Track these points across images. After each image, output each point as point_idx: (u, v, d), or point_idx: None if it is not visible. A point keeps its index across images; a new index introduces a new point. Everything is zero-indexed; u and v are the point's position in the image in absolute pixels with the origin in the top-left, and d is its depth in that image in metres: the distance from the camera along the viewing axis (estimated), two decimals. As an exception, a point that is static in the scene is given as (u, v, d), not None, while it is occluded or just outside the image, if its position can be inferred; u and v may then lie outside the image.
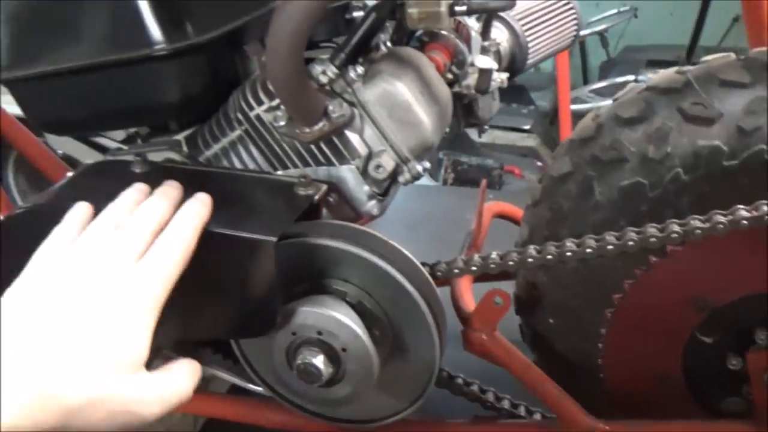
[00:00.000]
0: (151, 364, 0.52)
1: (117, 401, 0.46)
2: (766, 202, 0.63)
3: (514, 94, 3.45)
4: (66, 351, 0.46)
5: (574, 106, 2.80)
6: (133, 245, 0.54)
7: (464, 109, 0.98)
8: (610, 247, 0.67)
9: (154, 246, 0.55)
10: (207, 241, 0.61)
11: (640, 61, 3.27)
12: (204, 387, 0.99)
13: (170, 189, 0.63)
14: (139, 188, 0.64)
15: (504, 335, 0.76)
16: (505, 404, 0.79)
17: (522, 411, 0.79)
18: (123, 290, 0.50)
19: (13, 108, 0.86)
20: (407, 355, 0.72)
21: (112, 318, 0.49)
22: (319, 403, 0.75)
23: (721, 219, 0.63)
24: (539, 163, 2.96)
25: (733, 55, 0.72)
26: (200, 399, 0.89)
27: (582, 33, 3.49)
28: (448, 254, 0.79)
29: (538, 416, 0.78)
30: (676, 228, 0.65)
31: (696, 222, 0.64)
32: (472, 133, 3.30)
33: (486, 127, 1.03)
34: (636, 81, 2.60)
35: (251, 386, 0.84)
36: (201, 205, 0.61)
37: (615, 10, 3.51)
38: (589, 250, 0.68)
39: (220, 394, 0.96)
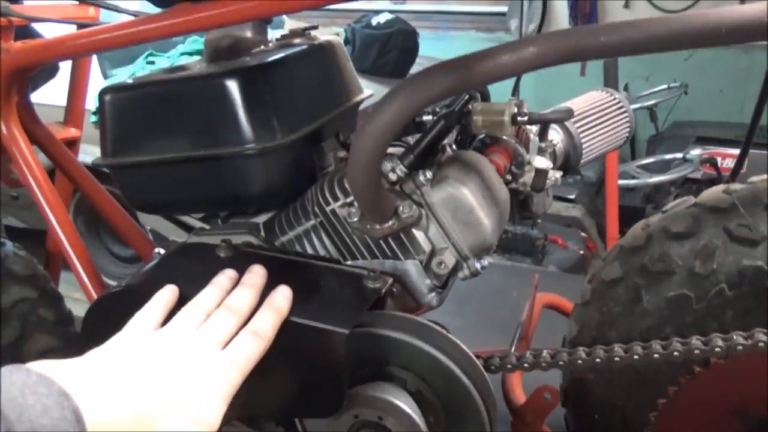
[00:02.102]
0: None
1: None
2: (806, 324, 0.68)
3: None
4: (154, 401, 0.53)
5: (621, 181, 2.84)
6: (219, 334, 0.62)
7: (519, 205, 1.04)
8: (656, 355, 0.72)
9: (238, 338, 0.62)
10: (285, 327, 0.68)
11: (688, 137, 3.29)
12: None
13: (256, 278, 0.71)
14: (228, 275, 0.72)
15: (550, 423, 0.81)
16: (550, 496, 0.83)
17: (566, 504, 0.83)
18: (205, 371, 0.58)
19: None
20: (460, 443, 0.77)
21: (194, 391, 0.56)
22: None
23: (763, 337, 0.68)
24: (583, 234, 2.98)
25: (777, 179, 0.77)
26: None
27: (632, 107, 3.56)
28: (492, 331, 0.84)
29: None
30: (720, 342, 0.69)
31: (739, 338, 0.69)
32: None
33: (539, 221, 1.09)
34: (684, 159, 2.60)
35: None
36: (283, 299, 0.68)
37: (665, 86, 3.56)
38: (636, 357, 0.73)
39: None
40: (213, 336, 0.62)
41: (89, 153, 1.04)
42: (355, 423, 0.75)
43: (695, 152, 3.01)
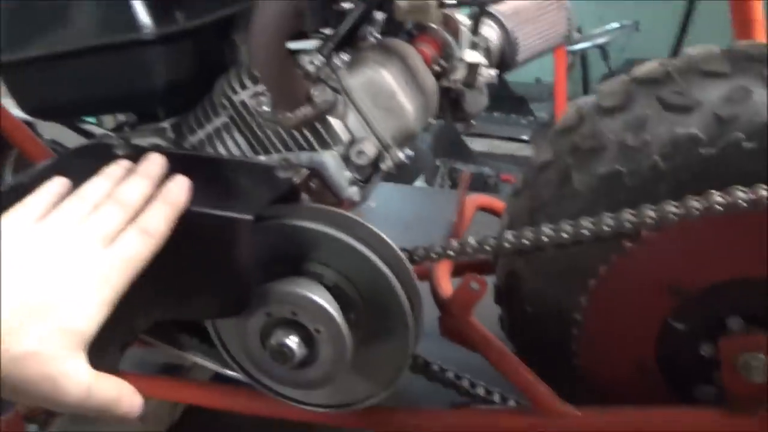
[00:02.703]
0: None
1: (50, 365, 0.45)
2: (740, 188, 0.64)
3: (514, 105, 3.47)
4: (17, 307, 0.46)
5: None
6: (104, 229, 0.54)
7: (452, 104, 0.99)
8: (585, 231, 0.68)
9: (124, 235, 0.54)
10: (183, 219, 0.62)
11: (640, 75, 3.27)
12: (183, 375, 0.99)
13: (152, 167, 0.64)
14: (121, 164, 0.64)
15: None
16: (480, 391, 0.79)
17: (497, 398, 0.79)
18: (83, 272, 0.50)
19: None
20: (383, 338, 0.72)
21: (68, 293, 0.48)
22: (294, 386, 0.75)
23: (696, 204, 0.64)
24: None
25: (716, 48, 0.73)
26: (175, 386, 0.89)
27: (583, 46, 3.54)
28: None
29: (512, 403, 0.78)
30: (651, 213, 0.65)
31: (670, 207, 0.65)
32: (470, 142, 3.30)
33: (473, 122, 1.03)
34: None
35: (228, 372, 0.84)
36: (179, 191, 0.61)
37: (617, 24, 3.53)
38: (564, 235, 0.68)
39: (196, 380, 0.96)
40: (97, 231, 0.53)
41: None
42: (268, 322, 0.70)
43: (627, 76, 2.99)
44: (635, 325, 0.72)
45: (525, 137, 3.14)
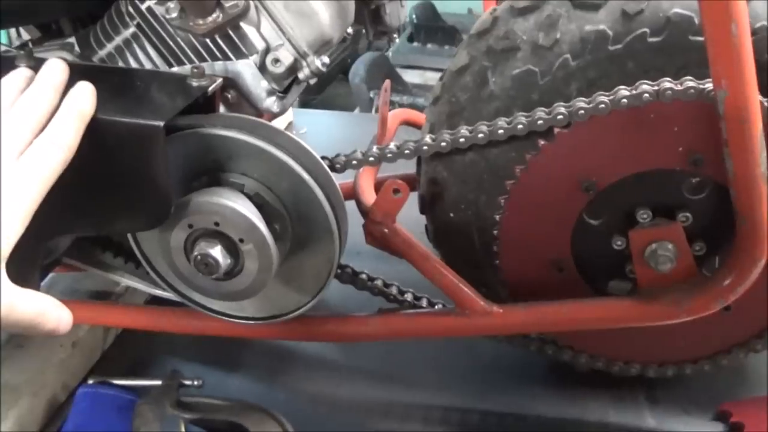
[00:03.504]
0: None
1: None
2: (646, 82, 0.66)
3: (446, 36, 3.45)
4: None
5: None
6: (12, 142, 0.51)
7: (372, 16, 0.97)
8: (500, 131, 0.69)
9: (33, 145, 0.52)
10: (94, 129, 0.59)
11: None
12: (114, 300, 0.98)
13: (54, 72, 0.61)
14: (21, 73, 0.61)
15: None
16: (408, 297, 0.81)
17: (424, 303, 0.81)
18: None
19: None
20: (308, 247, 0.73)
21: None
22: (221, 297, 0.75)
23: (603, 99, 0.65)
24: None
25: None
26: (105, 310, 0.88)
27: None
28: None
29: (439, 307, 0.80)
30: (562, 109, 0.67)
31: (580, 103, 0.66)
32: (405, 74, 3.27)
33: (395, 36, 1.02)
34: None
35: (157, 292, 0.83)
36: (84, 96, 0.59)
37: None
38: (480, 135, 0.70)
39: (126, 304, 0.95)
40: (5, 145, 0.51)
41: None
42: (191, 233, 0.69)
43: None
44: (552, 224, 0.74)
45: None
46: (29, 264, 0.59)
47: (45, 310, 0.50)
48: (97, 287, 0.98)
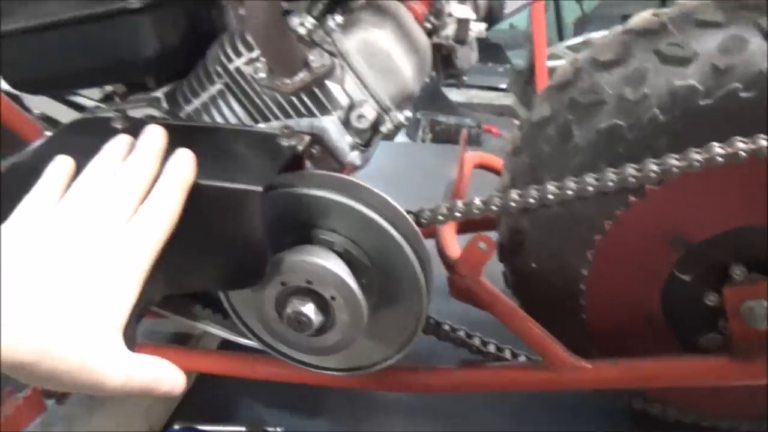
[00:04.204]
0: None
1: (88, 357, 0.45)
2: (740, 138, 0.65)
3: (489, 53, 3.43)
4: (46, 302, 0.45)
5: (550, 63, 2.79)
6: (120, 209, 0.53)
7: (443, 60, 0.98)
8: (589, 188, 0.69)
9: (140, 213, 0.53)
10: (194, 194, 0.61)
11: (614, 16, 3.25)
12: (192, 345, 1.00)
13: (154, 139, 0.62)
14: (122, 140, 0.63)
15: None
16: (491, 348, 0.81)
17: (508, 354, 0.81)
18: (109, 256, 0.50)
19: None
20: (395, 302, 0.73)
21: (99, 281, 0.48)
22: (310, 352, 0.76)
23: (697, 157, 0.65)
24: (516, 122, 2.96)
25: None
26: (188, 355, 0.90)
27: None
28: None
29: (523, 359, 0.80)
30: (653, 167, 0.66)
31: (672, 160, 0.66)
32: (450, 93, 3.28)
33: (465, 78, 1.03)
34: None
35: (242, 340, 0.85)
36: (185, 163, 0.60)
37: (590, -34, 3.49)
38: (569, 192, 0.69)
39: (209, 349, 0.97)
40: (115, 214, 0.52)
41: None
42: (283, 291, 0.70)
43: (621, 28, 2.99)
44: (641, 278, 0.74)
45: (502, 86, 3.12)
46: (131, 320, 0.61)
47: (161, 376, 0.51)
48: (177, 329, 1.00)
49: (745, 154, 0.64)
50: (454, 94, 3.12)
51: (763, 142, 0.64)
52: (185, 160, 0.60)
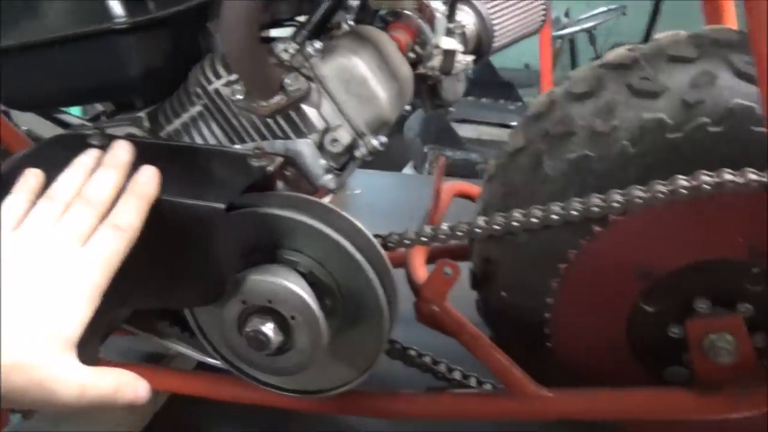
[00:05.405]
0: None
1: (36, 373, 0.46)
2: (705, 172, 0.65)
3: (502, 90, 3.47)
4: (2, 318, 0.46)
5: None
6: (78, 229, 0.54)
7: (429, 91, 0.99)
8: (554, 216, 0.69)
9: (98, 234, 0.55)
10: (158, 209, 0.62)
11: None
12: (165, 364, 1.00)
13: (119, 154, 0.63)
14: (91, 154, 0.64)
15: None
16: (457, 375, 0.80)
17: (473, 382, 0.80)
18: (64, 274, 0.51)
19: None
20: (358, 325, 0.73)
21: (51, 298, 0.49)
22: (271, 372, 0.76)
23: (661, 189, 0.65)
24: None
25: (683, 33, 0.74)
26: (158, 374, 0.90)
27: (571, 30, 3.54)
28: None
29: (488, 387, 0.79)
30: (618, 197, 0.66)
31: (637, 191, 0.66)
32: (458, 128, 3.30)
33: (451, 109, 1.04)
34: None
35: (209, 360, 0.85)
36: (148, 181, 0.61)
37: (604, 8, 3.53)
38: (534, 220, 0.69)
39: (179, 369, 0.97)
40: (71, 233, 0.54)
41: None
42: (244, 310, 0.70)
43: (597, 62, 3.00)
44: (606, 308, 0.73)
45: (513, 123, 3.13)
46: (89, 339, 0.62)
47: (119, 385, 0.51)
48: (151, 349, 1.00)
49: (710, 188, 0.64)
50: (464, 130, 3.14)
51: (728, 176, 0.63)
52: (149, 176, 0.61)
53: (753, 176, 0.63)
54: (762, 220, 0.65)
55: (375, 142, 0.79)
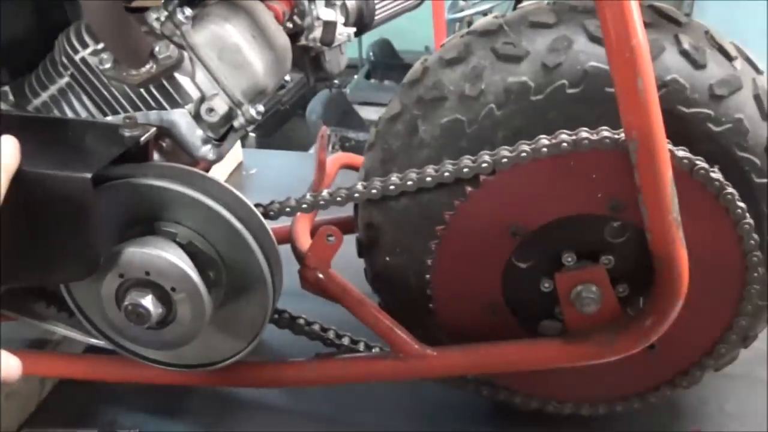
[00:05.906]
0: None
1: None
2: (565, 131, 0.68)
3: (403, 73, 3.48)
4: None
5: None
6: None
7: (312, 63, 1.00)
8: (428, 178, 0.71)
9: None
10: (22, 182, 0.60)
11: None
12: (52, 349, 0.96)
13: None
14: None
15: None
16: (345, 341, 0.82)
17: (362, 347, 0.82)
18: None
19: None
20: (242, 295, 0.73)
21: None
22: (157, 347, 0.75)
23: (525, 148, 0.68)
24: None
25: (545, 1, 0.77)
26: (38, 359, 0.86)
27: (468, 12, 3.60)
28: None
29: (376, 350, 0.81)
30: (486, 158, 0.69)
31: (504, 152, 0.69)
32: (361, 111, 3.31)
33: (336, 81, 1.05)
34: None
35: (93, 341, 0.82)
36: (6, 150, 0.58)
37: (498, -8, 3.62)
38: (410, 183, 0.71)
39: (59, 353, 0.93)
40: None
41: None
42: (123, 283, 0.69)
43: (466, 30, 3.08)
44: (482, 267, 0.76)
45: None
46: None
47: None
48: (34, 336, 0.96)
49: (568, 146, 0.68)
50: (366, 112, 3.16)
51: (584, 134, 0.67)
52: (7, 147, 0.59)
53: (607, 134, 0.67)
54: (620, 176, 0.69)
55: (253, 111, 0.79)
